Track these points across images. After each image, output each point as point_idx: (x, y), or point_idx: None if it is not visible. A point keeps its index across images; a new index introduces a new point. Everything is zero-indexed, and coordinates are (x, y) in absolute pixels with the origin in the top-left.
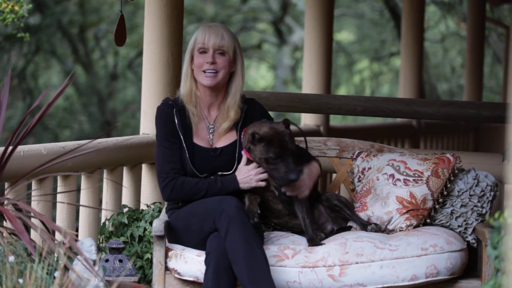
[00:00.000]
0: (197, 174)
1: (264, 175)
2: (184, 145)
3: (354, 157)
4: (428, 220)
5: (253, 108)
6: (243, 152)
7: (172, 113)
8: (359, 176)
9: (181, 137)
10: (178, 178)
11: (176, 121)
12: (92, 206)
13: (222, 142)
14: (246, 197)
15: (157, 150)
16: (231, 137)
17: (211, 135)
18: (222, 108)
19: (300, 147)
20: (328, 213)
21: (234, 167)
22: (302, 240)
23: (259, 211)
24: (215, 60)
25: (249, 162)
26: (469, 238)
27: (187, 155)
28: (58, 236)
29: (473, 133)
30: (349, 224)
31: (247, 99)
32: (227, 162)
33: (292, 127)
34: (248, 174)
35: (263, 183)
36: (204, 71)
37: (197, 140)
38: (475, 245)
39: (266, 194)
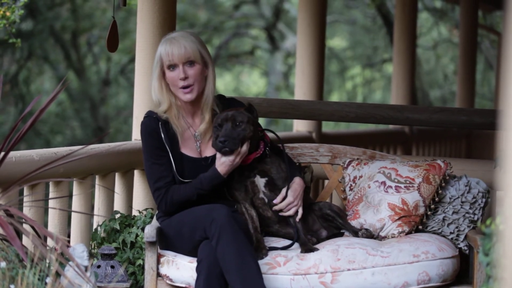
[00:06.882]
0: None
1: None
2: (172, 158)
3: (345, 166)
4: (420, 227)
5: (227, 105)
6: None
7: (157, 127)
8: (351, 185)
9: (168, 150)
10: (168, 191)
11: (162, 134)
12: (84, 212)
13: (210, 150)
14: (246, 216)
15: (146, 165)
16: None
17: (198, 143)
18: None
19: (284, 162)
20: (320, 223)
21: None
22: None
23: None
24: (186, 74)
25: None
26: (461, 245)
27: (174, 168)
28: (50, 242)
29: (465, 140)
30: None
31: (220, 98)
32: None
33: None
34: (224, 160)
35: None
36: (180, 88)
37: (185, 151)
38: (467, 251)
39: (256, 201)
